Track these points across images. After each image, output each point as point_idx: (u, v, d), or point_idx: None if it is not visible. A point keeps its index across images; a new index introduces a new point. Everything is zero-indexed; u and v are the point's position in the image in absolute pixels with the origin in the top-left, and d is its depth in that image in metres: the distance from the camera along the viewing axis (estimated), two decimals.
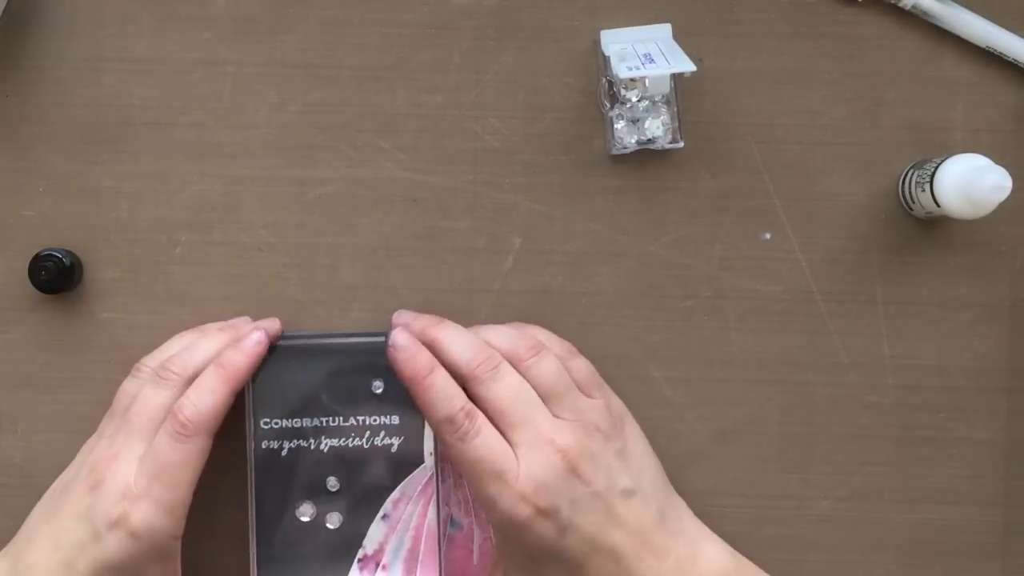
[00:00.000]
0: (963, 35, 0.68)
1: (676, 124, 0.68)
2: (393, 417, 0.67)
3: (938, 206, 0.63)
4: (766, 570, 0.67)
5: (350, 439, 0.67)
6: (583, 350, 0.68)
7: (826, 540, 0.70)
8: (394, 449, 0.67)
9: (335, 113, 0.69)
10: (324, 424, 0.67)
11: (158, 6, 0.69)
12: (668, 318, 0.69)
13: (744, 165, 0.69)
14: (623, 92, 0.67)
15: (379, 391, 0.67)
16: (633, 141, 0.68)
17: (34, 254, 0.68)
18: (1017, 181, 0.62)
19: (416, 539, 0.67)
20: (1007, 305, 0.69)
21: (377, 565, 0.66)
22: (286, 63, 0.69)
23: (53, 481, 0.67)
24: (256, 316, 0.69)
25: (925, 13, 0.68)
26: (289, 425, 0.66)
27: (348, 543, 0.66)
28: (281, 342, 0.67)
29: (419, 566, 0.66)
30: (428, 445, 0.67)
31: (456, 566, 0.68)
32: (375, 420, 0.67)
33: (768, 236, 0.69)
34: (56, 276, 0.67)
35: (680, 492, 0.68)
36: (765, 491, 0.69)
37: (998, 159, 0.62)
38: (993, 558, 0.69)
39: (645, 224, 0.69)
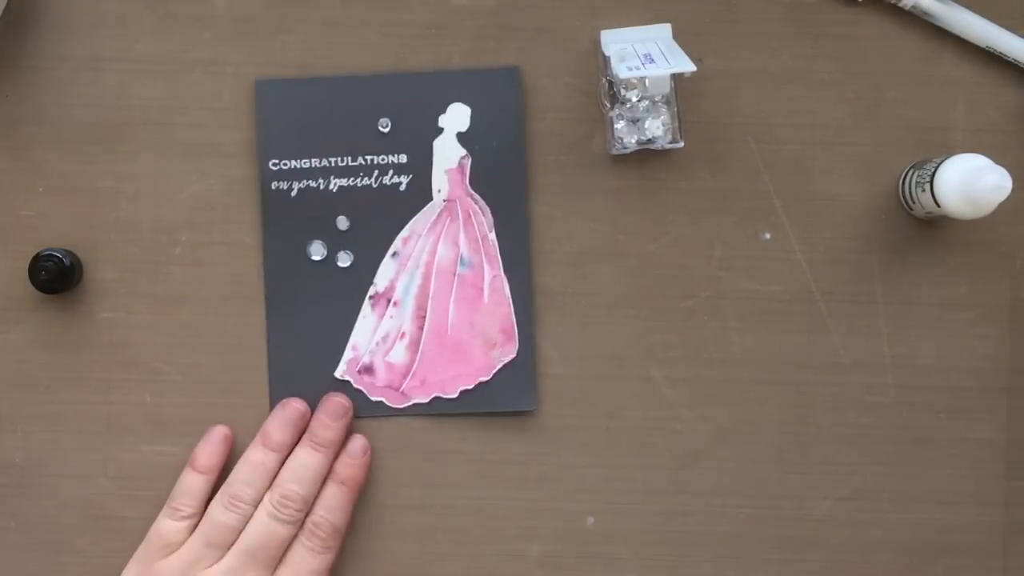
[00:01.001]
0: (963, 35, 0.68)
1: (676, 124, 0.68)
2: (401, 156, 0.67)
3: (938, 206, 0.63)
4: (766, 570, 0.67)
5: (359, 178, 0.67)
6: (583, 350, 0.69)
7: (826, 540, 0.70)
8: (402, 187, 0.67)
9: None
10: (332, 164, 0.67)
11: (158, 6, 0.69)
12: (668, 318, 0.69)
13: (744, 165, 0.69)
14: (623, 92, 0.67)
15: (386, 129, 0.67)
16: (633, 141, 0.68)
17: (34, 254, 0.68)
18: (1017, 181, 0.62)
19: (427, 276, 0.67)
20: (1007, 305, 0.69)
21: (388, 302, 0.67)
22: (286, 63, 0.69)
23: (53, 481, 0.67)
24: (257, 316, 0.69)
25: (925, 13, 0.68)
26: (297, 166, 0.67)
27: (359, 281, 0.67)
28: (286, 79, 0.67)
29: (430, 302, 0.67)
30: (436, 183, 0.67)
31: (466, 304, 0.68)
32: (383, 159, 0.67)
33: (768, 236, 0.69)
34: (56, 276, 0.67)
35: (680, 492, 0.68)
36: (765, 491, 0.69)
37: (998, 159, 0.62)
38: (993, 558, 0.69)
39: (645, 224, 0.69)
